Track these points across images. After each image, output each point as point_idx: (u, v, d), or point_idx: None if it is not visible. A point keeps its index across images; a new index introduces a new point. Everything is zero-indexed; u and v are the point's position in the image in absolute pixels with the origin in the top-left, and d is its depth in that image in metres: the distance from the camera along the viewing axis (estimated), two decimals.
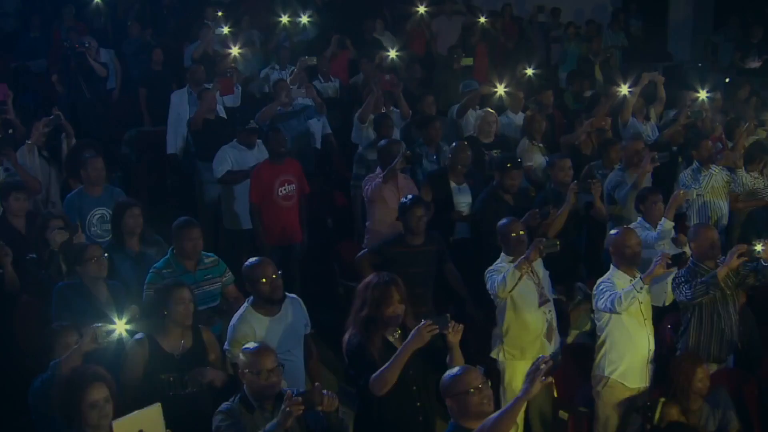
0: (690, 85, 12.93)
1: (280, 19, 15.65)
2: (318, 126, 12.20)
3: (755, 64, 16.57)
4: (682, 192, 8.56)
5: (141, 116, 13.73)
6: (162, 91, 13.26)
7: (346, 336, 6.14)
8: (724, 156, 9.92)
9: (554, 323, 7.71)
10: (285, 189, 9.62)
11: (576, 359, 7.92)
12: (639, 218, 8.70)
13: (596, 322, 7.36)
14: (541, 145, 11.01)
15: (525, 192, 9.32)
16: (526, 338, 7.57)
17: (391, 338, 6.13)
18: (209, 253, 7.70)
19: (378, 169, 9.39)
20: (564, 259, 8.31)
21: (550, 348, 7.65)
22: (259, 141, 10.31)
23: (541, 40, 18.79)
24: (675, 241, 8.37)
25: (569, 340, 8.26)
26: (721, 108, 12.71)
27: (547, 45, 18.93)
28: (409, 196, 8.22)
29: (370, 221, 9.36)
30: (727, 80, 15.91)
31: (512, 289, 7.32)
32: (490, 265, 8.64)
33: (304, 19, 15.77)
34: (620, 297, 6.87)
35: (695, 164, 10.10)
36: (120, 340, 5.99)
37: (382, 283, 6.09)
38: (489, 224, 8.64)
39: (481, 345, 7.91)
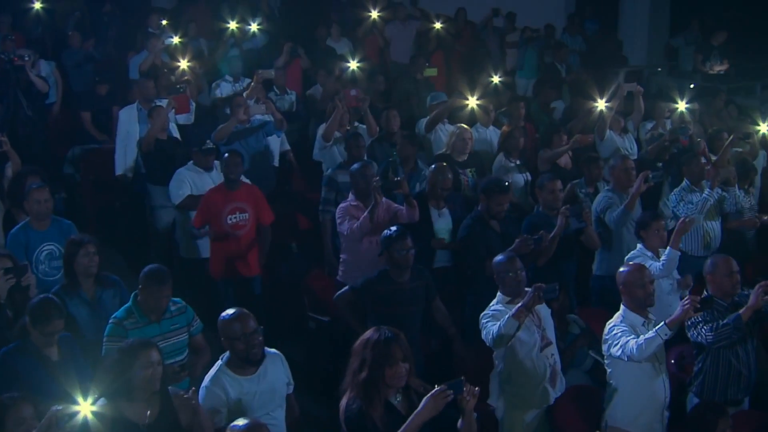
0: (668, 95, 12.37)
1: (228, 25, 14.83)
2: (276, 143, 11.41)
3: (720, 68, 16.08)
4: (688, 219, 7.96)
5: (84, 133, 12.78)
6: (105, 109, 12.59)
7: (344, 401, 5.41)
8: (719, 173, 9.31)
9: (558, 367, 7.06)
10: (235, 217, 8.91)
11: (578, 404, 7.23)
12: (639, 245, 8.09)
13: (607, 368, 6.71)
14: (518, 162, 10.38)
15: (509, 216, 8.65)
16: (528, 385, 6.91)
17: (393, 401, 5.41)
18: (175, 299, 6.89)
19: (351, 195, 8.66)
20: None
21: (554, 394, 7.00)
22: (217, 162, 9.56)
23: (496, 45, 18.16)
24: (679, 283, 7.80)
25: None
26: (696, 119, 12.17)
27: (503, 50, 18.30)
28: (394, 228, 7.51)
29: (346, 254, 8.62)
30: (691, 86, 15.41)
31: (510, 340, 6.63)
32: (473, 296, 8.17)
33: (254, 27, 14.96)
34: (642, 345, 6.21)
35: (685, 183, 9.51)
36: (85, 423, 5.12)
37: (382, 341, 5.37)
38: (475, 253, 8.12)
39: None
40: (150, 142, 10.09)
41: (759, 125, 11.10)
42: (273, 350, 6.18)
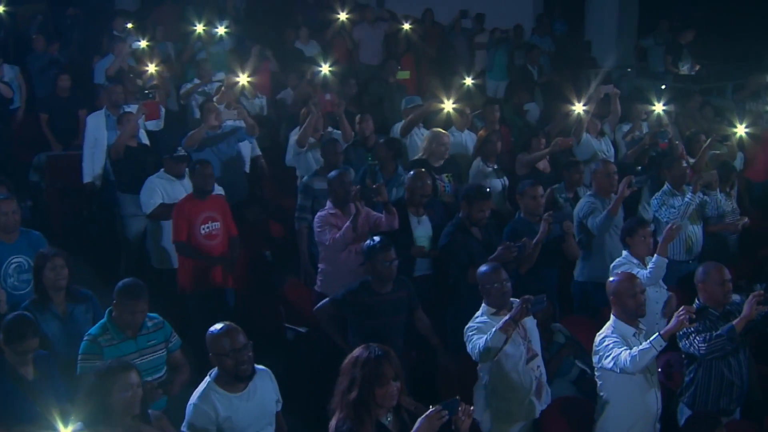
0: (640, 97, 12.25)
1: (195, 28, 14.57)
2: (247, 148, 11.16)
3: (689, 70, 16.00)
4: (675, 226, 7.80)
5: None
6: (68, 112, 12.19)
7: (333, 422, 5.18)
8: (701, 177, 9.20)
9: (543, 379, 6.87)
10: (208, 227, 8.69)
11: (566, 416, 7.05)
12: (624, 252, 7.93)
13: (597, 380, 6.54)
14: (495, 167, 10.21)
15: (489, 223, 8.46)
16: (514, 399, 6.71)
17: (384, 422, 5.20)
18: (152, 314, 6.63)
19: (328, 203, 8.45)
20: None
21: (540, 407, 6.82)
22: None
23: (465, 47, 18.00)
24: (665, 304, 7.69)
25: None
26: (672, 121, 12.07)
27: (471, 52, 18.13)
28: (377, 238, 7.30)
29: (325, 264, 8.40)
30: (663, 87, 15.32)
31: (497, 354, 6.44)
32: (455, 305, 7.99)
33: (221, 30, 14.71)
34: (636, 357, 6.03)
35: (666, 187, 9.38)
36: None
37: (372, 359, 5.16)
38: (457, 261, 7.93)
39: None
40: (120, 150, 9.83)
41: (736, 127, 11.01)
42: (261, 367, 5.95)
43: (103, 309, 6.75)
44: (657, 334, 6.06)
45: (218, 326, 5.72)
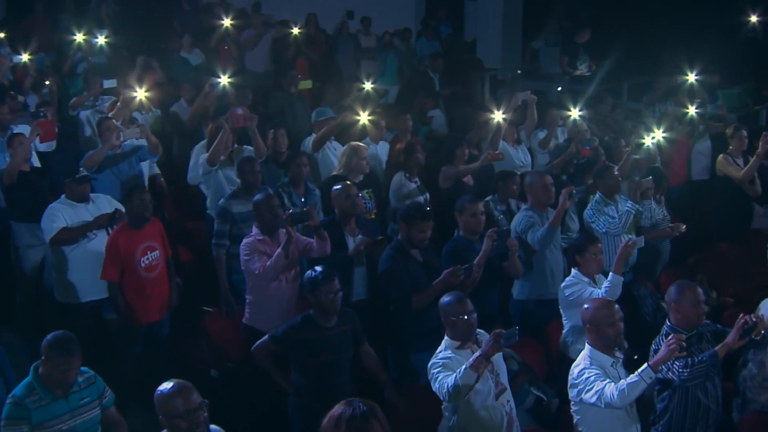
0: (562, 103, 11.95)
1: (74, 37, 13.67)
2: (145, 167, 10.38)
3: (586, 70, 15.83)
4: (630, 242, 7.44)
5: None
6: None
7: None
8: (641, 185, 8.90)
9: (514, 414, 6.38)
10: (148, 258, 7.97)
11: None
12: (574, 271, 7.55)
13: (575, 415, 6.10)
14: (417, 181, 9.71)
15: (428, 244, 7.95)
16: None
17: None
18: (83, 368, 5.89)
19: (254, 229, 7.80)
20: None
21: None
22: (95, 195, 8.59)
23: (351, 51, 17.51)
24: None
25: None
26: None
27: (358, 57, 17.65)
28: (318, 269, 6.69)
29: (253, 295, 7.75)
30: (559, 88, 15.12)
31: (468, 393, 5.94)
32: (397, 334, 7.55)
33: (101, 39, 13.85)
34: (624, 391, 5.61)
35: (598, 196, 9.04)
36: None
37: (359, 417, 4.52)
38: (400, 287, 7.40)
39: None
40: (12, 175, 8.93)
41: (653, 132, 10.79)
42: (216, 427, 5.30)
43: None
44: (646, 365, 5.66)
45: (169, 385, 5.08)
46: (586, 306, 6.16)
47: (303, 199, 9.09)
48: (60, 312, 8.61)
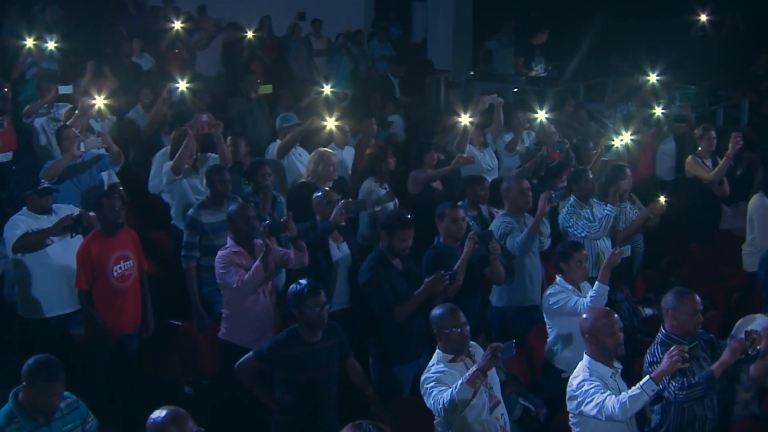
0: (527, 105, 11.84)
1: (24, 42, 13.28)
2: (104, 176, 10.07)
3: (542, 71, 15.77)
4: (618, 251, 7.32)
5: None
6: None
7: None
8: (620, 188, 8.80)
9: (508, 428, 6.24)
10: (120, 267, 7.70)
11: None
12: (558, 278, 7.40)
13: (573, 427, 5.96)
14: (386, 187, 9.52)
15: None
16: None
17: None
18: (65, 393, 5.61)
19: (229, 240, 7.55)
20: None
21: None
22: (57, 206, 8.27)
23: (304, 54, 17.29)
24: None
25: None
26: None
27: (310, 59, 17.44)
28: (303, 282, 6.47)
29: (230, 310, 7.50)
30: (515, 90, 15.04)
31: (464, 408, 5.78)
32: (379, 345, 7.36)
33: (51, 45, 13.47)
34: (625, 404, 5.47)
35: (573, 200, 8.92)
36: None
37: None
38: (382, 297, 7.18)
39: None
40: None
41: (621, 134, 10.73)
42: None
43: None
44: (648, 377, 5.54)
45: (162, 413, 4.84)
46: (584, 316, 6.01)
47: (272, 209, 8.88)
48: (24, 329, 8.32)
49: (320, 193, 8.17)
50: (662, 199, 9.20)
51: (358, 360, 7.05)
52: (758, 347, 6.03)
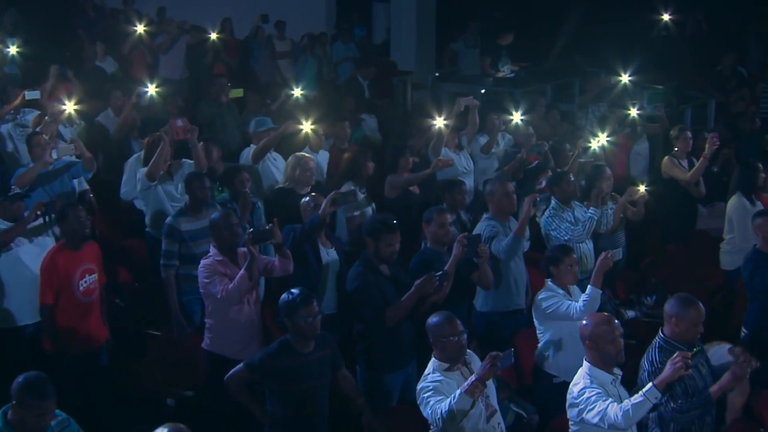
0: (503, 107, 11.77)
1: None
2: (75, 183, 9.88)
3: (509, 72, 15.72)
4: (609, 254, 7.23)
5: None
6: None
7: None
8: (602, 190, 8.76)
9: None
10: (86, 281, 7.51)
11: None
12: (548, 282, 7.31)
13: None
14: (364, 191, 9.39)
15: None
16: None
17: None
18: (57, 411, 5.43)
19: (212, 249, 7.37)
20: None
21: None
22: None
23: (268, 56, 17.12)
24: None
25: None
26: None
27: (274, 62, 17.27)
28: (295, 291, 6.32)
29: (213, 319, 7.32)
30: (483, 91, 14.97)
31: (463, 419, 5.68)
32: (367, 353, 7.19)
33: (13, 50, 13.22)
34: (629, 412, 5.41)
35: (554, 202, 8.85)
36: None
37: None
38: (372, 305, 7.04)
39: None
40: None
41: (598, 134, 10.70)
42: None
43: None
44: (651, 384, 5.47)
45: (164, 430, 4.66)
46: (584, 322, 5.93)
47: (250, 217, 8.74)
48: None
49: (308, 198, 8.04)
50: (642, 187, 9.19)
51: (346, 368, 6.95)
52: (756, 366, 6.00)
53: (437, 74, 17.34)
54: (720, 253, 9.56)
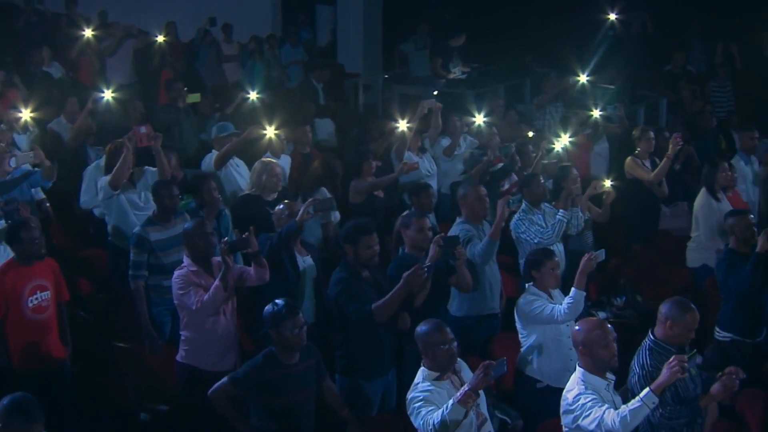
0: (466, 109, 11.72)
1: None
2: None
3: (460, 73, 15.68)
4: (593, 255, 7.17)
5: None
6: None
7: None
8: (571, 192, 8.72)
9: None
10: (36, 298, 7.20)
11: None
12: (529, 286, 7.25)
13: None
14: (330, 196, 9.25)
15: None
16: None
17: None
18: None
19: (185, 259, 7.19)
20: None
21: None
22: None
23: (214, 60, 16.91)
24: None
25: None
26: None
27: (220, 65, 17.07)
28: (280, 302, 6.19)
29: (189, 331, 7.14)
30: (435, 93, 14.92)
31: (456, 429, 5.57)
32: (345, 359, 7.06)
33: None
34: (626, 418, 5.35)
35: (524, 205, 8.79)
36: None
37: None
38: (356, 303, 6.89)
39: None
40: None
41: (561, 135, 10.70)
42: None
43: None
44: (648, 389, 5.42)
45: None
46: (577, 327, 5.87)
47: (216, 223, 8.57)
48: None
49: (282, 206, 7.89)
50: (607, 182, 9.20)
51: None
52: (742, 376, 6.00)
53: (386, 76, 17.25)
54: (687, 250, 9.59)
